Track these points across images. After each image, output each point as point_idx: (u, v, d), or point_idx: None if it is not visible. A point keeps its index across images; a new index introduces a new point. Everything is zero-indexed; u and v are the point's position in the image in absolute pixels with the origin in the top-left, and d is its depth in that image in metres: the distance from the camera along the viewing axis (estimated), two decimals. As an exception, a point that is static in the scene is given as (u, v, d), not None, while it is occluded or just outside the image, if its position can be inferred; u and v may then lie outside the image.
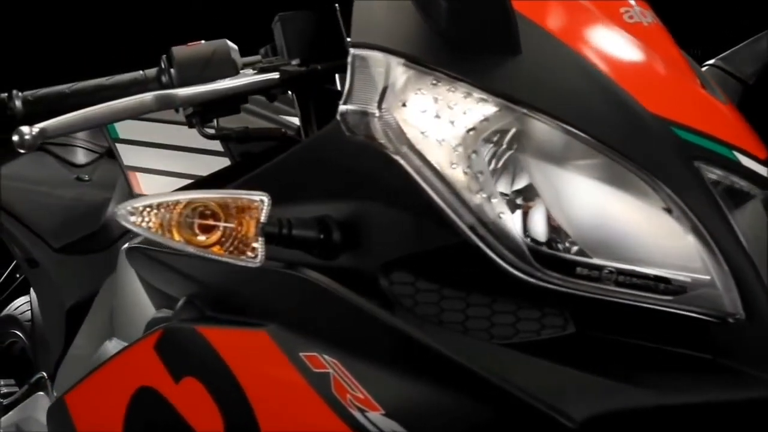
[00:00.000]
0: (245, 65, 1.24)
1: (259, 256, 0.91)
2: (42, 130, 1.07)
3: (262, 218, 0.91)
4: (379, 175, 0.92)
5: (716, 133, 0.97)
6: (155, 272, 1.27)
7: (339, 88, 1.29)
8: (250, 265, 0.92)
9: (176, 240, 0.92)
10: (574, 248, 0.91)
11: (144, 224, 0.92)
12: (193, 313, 1.15)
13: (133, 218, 0.92)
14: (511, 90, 0.90)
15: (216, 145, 1.53)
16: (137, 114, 1.15)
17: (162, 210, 0.92)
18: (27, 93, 1.18)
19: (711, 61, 1.32)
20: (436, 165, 0.88)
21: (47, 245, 2.10)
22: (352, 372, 0.93)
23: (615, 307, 0.92)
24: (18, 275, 2.71)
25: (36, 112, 1.17)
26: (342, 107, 0.92)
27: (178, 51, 1.21)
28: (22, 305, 2.52)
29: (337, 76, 1.28)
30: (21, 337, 2.51)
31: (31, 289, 2.46)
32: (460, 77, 0.90)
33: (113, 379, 1.27)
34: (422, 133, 0.89)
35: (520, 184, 0.90)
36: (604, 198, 0.92)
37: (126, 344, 1.59)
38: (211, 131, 1.28)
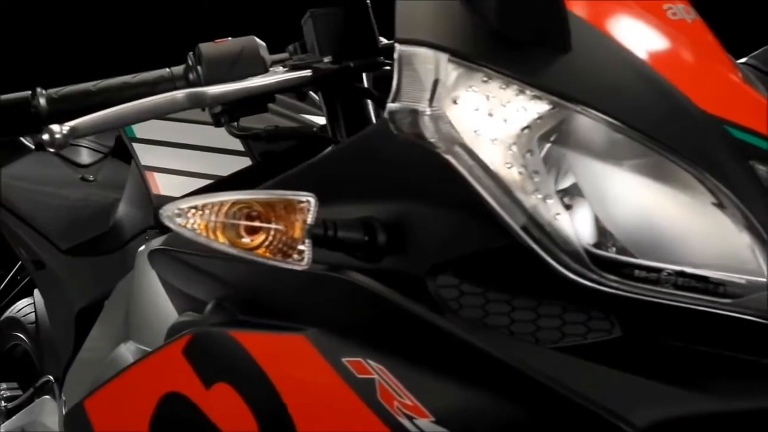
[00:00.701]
0: (273, 62, 1.21)
1: (306, 259, 0.88)
2: (72, 129, 1.04)
3: (309, 219, 0.88)
4: (428, 174, 0.89)
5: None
6: (181, 275, 1.24)
7: (366, 85, 1.27)
8: (295, 268, 0.89)
9: (220, 242, 0.89)
10: (625, 249, 0.88)
11: (189, 226, 0.89)
12: (224, 317, 1.12)
13: (179, 220, 0.89)
14: (565, 87, 0.88)
15: (235, 145, 1.51)
16: (168, 112, 1.12)
17: (206, 211, 0.89)
18: (51, 91, 1.15)
19: (743, 60, 1.30)
20: (490, 164, 0.85)
21: (54, 246, 2.07)
22: (399, 378, 0.90)
23: (663, 310, 0.90)
24: (19, 277, 2.68)
25: (60, 110, 1.14)
26: (390, 105, 0.89)
27: (206, 48, 1.18)
28: (24, 307, 2.49)
29: (363, 74, 1.26)
30: (24, 340, 2.47)
31: (35, 291, 2.43)
32: (513, 75, 0.87)
33: (138, 385, 1.24)
34: (475, 131, 0.86)
35: (572, 184, 0.88)
36: (657, 198, 0.90)
37: (142, 347, 1.57)
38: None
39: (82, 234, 2.02)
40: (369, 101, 1.28)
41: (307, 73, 1.16)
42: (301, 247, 0.88)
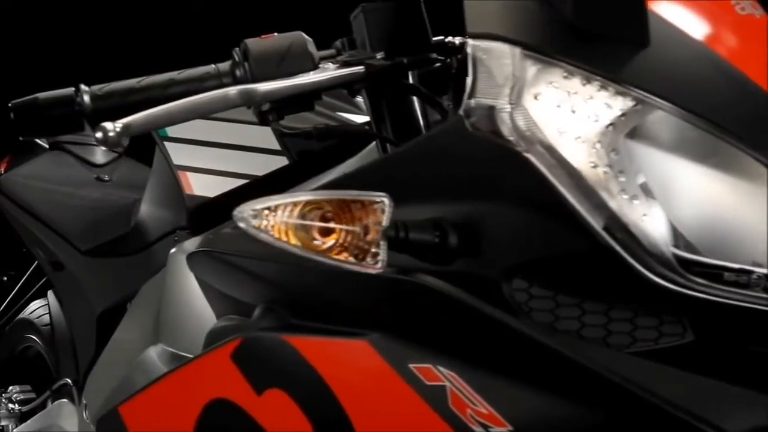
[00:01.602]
0: (321, 59, 1.17)
1: (381, 263, 0.85)
2: (125, 126, 1.00)
3: (385, 221, 0.85)
4: (504, 173, 0.86)
5: None
6: (225, 277, 1.21)
7: (411, 81, 1.24)
8: (369, 271, 0.86)
9: (292, 244, 0.86)
10: (708, 251, 0.85)
11: (263, 227, 0.85)
12: (274, 321, 1.09)
13: (255, 221, 0.85)
14: (648, 83, 0.84)
15: (271, 143, 1.47)
16: (220, 110, 1.09)
17: (279, 212, 0.85)
18: (94, 87, 1.11)
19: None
20: (574, 164, 0.82)
21: (73, 247, 2.02)
22: (472, 385, 0.87)
23: (745, 314, 0.87)
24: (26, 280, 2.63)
25: (104, 107, 1.11)
26: (467, 101, 0.86)
27: (253, 44, 1.14)
28: (37, 309, 2.45)
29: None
30: (37, 342, 2.43)
31: (49, 293, 2.39)
32: (596, 70, 0.84)
33: (180, 390, 1.20)
34: (557, 129, 0.83)
35: (654, 183, 0.85)
36: (740, 198, 0.87)
37: (174, 351, 1.53)
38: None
39: (102, 235, 1.98)
40: (415, 98, 1.25)
41: (360, 69, 1.12)
42: (375, 249, 0.85)
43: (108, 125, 0.99)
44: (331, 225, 0.85)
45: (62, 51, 4.44)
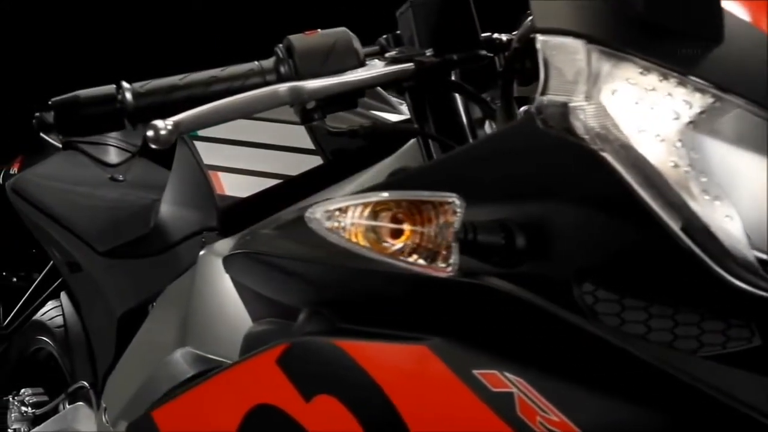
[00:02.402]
0: (366, 55, 1.14)
1: (453, 265, 0.82)
2: (176, 124, 0.97)
3: (456, 223, 0.82)
4: (578, 172, 0.83)
5: None
6: (266, 279, 1.17)
7: (453, 78, 1.21)
8: (439, 275, 0.83)
9: (362, 245, 0.83)
10: None
11: (334, 227, 0.82)
12: (322, 325, 1.06)
13: (328, 223, 0.82)
14: (725, 80, 0.82)
15: (304, 143, 1.44)
16: (270, 107, 1.06)
17: (349, 213, 0.82)
18: (136, 85, 1.08)
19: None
20: (655, 163, 0.79)
21: (91, 248, 1.99)
22: (542, 391, 0.84)
23: None
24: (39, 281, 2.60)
25: (146, 105, 1.08)
26: (539, 98, 0.83)
27: (298, 40, 1.11)
28: (50, 310, 2.41)
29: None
30: (50, 344, 2.40)
31: (62, 294, 2.36)
32: (673, 67, 0.81)
33: (220, 396, 1.17)
34: (635, 127, 0.80)
35: (729, 182, 0.82)
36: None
37: (203, 354, 1.50)
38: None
39: (120, 236, 1.95)
40: (457, 96, 1.22)
41: (409, 66, 1.10)
42: (446, 252, 0.82)
43: (159, 123, 0.96)
44: (404, 226, 0.82)
45: (62, 51, 4.42)
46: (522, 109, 1.16)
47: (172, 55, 4.41)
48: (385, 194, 0.83)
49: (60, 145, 2.37)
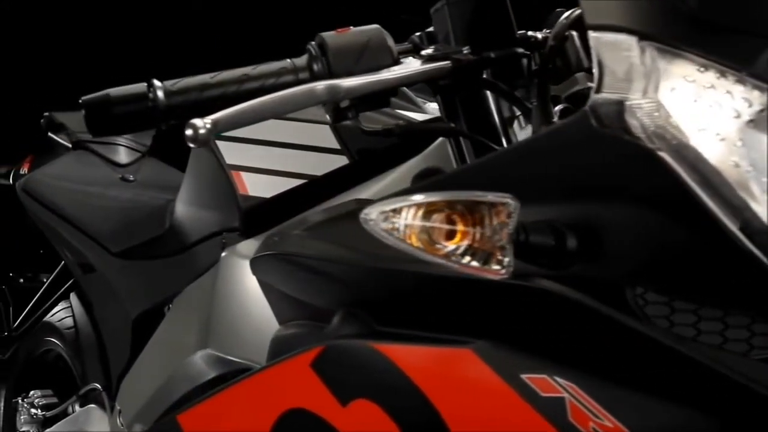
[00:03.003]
0: (399, 53, 1.12)
1: (507, 268, 0.80)
2: (215, 123, 0.95)
3: (512, 224, 0.80)
4: (632, 172, 0.81)
5: None
6: (297, 281, 1.15)
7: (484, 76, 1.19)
8: (493, 277, 0.81)
9: (414, 246, 0.81)
10: None
11: (390, 228, 0.80)
12: (359, 328, 1.03)
13: (385, 225, 0.80)
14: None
15: (329, 142, 1.42)
16: (307, 105, 1.04)
17: (403, 214, 0.80)
18: (167, 83, 1.06)
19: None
20: (715, 163, 0.77)
21: (104, 249, 1.97)
22: (595, 396, 0.82)
23: None
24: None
25: (178, 103, 1.06)
26: (594, 96, 0.81)
27: (331, 38, 1.09)
28: (59, 311, 2.39)
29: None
30: (59, 345, 2.37)
31: (72, 296, 2.34)
32: (731, 64, 0.79)
33: (250, 400, 1.15)
34: (695, 126, 0.78)
35: None
36: None
37: (225, 357, 1.48)
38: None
39: (134, 236, 1.92)
40: (489, 94, 1.20)
41: (446, 64, 1.08)
42: (500, 254, 0.80)
43: (198, 122, 0.94)
44: (458, 227, 0.80)
45: (63, 51, 4.40)
46: (557, 107, 1.14)
47: (172, 55, 4.41)
48: (439, 195, 0.80)
49: (69, 145, 2.34)
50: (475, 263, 0.81)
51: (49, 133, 2.43)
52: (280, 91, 1.05)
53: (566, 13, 1.15)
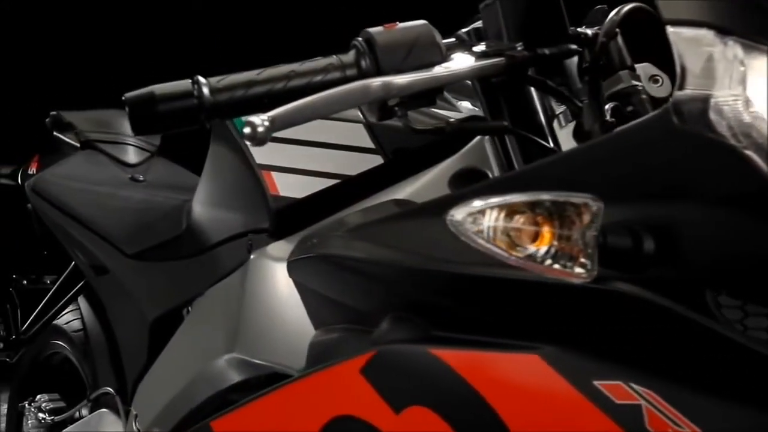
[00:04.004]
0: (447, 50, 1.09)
1: (591, 272, 0.77)
2: (272, 120, 0.92)
3: (597, 226, 0.77)
4: (715, 171, 0.78)
5: None
6: (341, 284, 1.12)
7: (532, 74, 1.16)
8: (575, 281, 0.78)
9: (499, 248, 0.78)
10: None
11: (477, 230, 0.77)
12: (412, 332, 1.00)
13: (474, 227, 0.77)
14: None
15: (363, 141, 1.39)
16: (361, 102, 1.01)
17: (487, 214, 0.77)
18: (212, 80, 1.03)
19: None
20: None
21: (119, 251, 1.93)
22: (674, 403, 0.79)
23: None
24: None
25: (224, 100, 1.02)
26: (677, 93, 0.78)
27: (379, 34, 1.06)
28: (66, 314, 2.35)
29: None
30: (66, 349, 2.33)
31: (81, 298, 2.29)
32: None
33: (293, 407, 1.12)
34: (785, 123, 0.76)
35: None
36: None
37: (253, 360, 1.44)
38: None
39: (149, 238, 1.88)
40: (533, 91, 1.17)
41: (500, 60, 1.05)
42: (583, 258, 0.77)
43: (256, 120, 0.91)
44: (546, 229, 0.77)
45: (63, 50, 4.37)
46: (607, 106, 1.11)
47: (172, 55, 4.38)
48: (524, 195, 0.78)
49: (77, 144, 2.30)
50: (557, 266, 0.78)
51: (55, 133, 2.38)
52: (328, 88, 1.02)
53: (615, 10, 1.12)
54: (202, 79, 1.02)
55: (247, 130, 0.92)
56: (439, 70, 1.03)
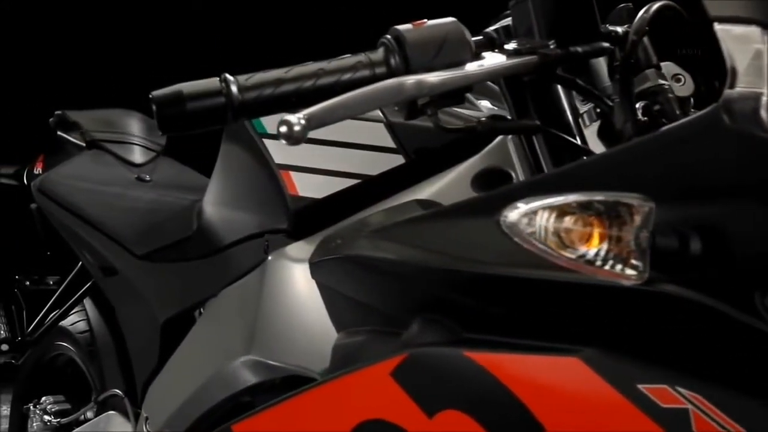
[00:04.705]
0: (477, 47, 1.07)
1: (643, 274, 0.75)
2: (308, 118, 0.90)
3: (649, 227, 0.75)
4: (765, 171, 0.77)
5: None
6: (368, 285, 1.10)
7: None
8: (627, 283, 0.76)
9: (552, 249, 0.76)
10: None
11: (531, 231, 0.76)
12: (444, 335, 0.98)
13: (530, 228, 0.75)
14: None
15: (384, 141, 1.37)
16: (395, 101, 0.99)
17: (539, 215, 0.76)
18: (240, 77, 1.01)
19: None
20: None
21: (128, 252, 1.90)
22: (722, 407, 0.78)
23: None
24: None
25: (251, 99, 1.00)
26: (728, 92, 0.77)
27: (408, 32, 1.04)
28: (70, 315, 2.33)
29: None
30: (71, 350, 2.31)
31: (86, 300, 2.27)
32: None
33: (320, 411, 1.10)
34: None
35: None
36: None
37: (271, 362, 1.42)
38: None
39: (159, 238, 1.86)
40: (560, 90, 1.16)
41: (532, 58, 1.03)
42: (635, 260, 0.75)
43: (292, 118, 0.89)
44: (598, 230, 0.75)
45: (62, 50, 4.35)
46: (638, 105, 1.10)
47: (172, 55, 4.37)
48: (578, 196, 0.76)
49: (83, 144, 2.28)
50: (608, 268, 0.76)
51: (60, 132, 2.36)
52: (356, 86, 1.00)
53: (644, 7, 1.11)
54: (230, 77, 1.01)
55: (283, 129, 0.90)
56: (472, 67, 1.02)
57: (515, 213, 0.77)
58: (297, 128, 0.90)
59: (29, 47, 4.32)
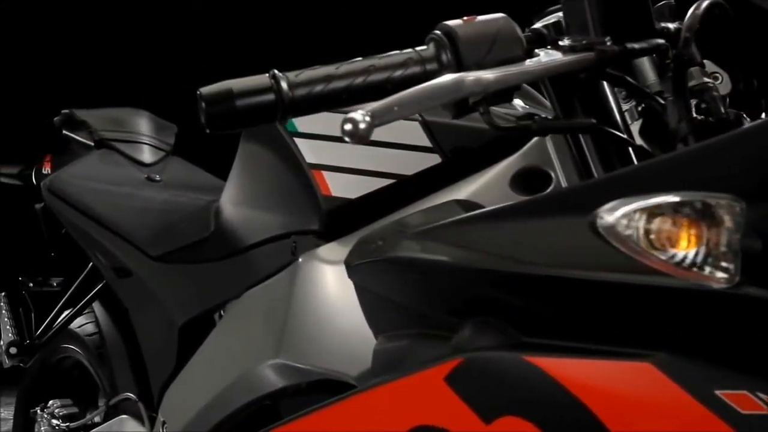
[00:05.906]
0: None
1: (733, 277, 0.73)
2: (373, 115, 0.88)
3: (741, 228, 0.73)
4: None
5: None
6: (413, 288, 1.07)
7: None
8: (717, 287, 0.74)
9: (646, 251, 0.74)
10: None
11: (629, 233, 0.73)
12: (499, 339, 0.96)
13: (629, 231, 0.73)
14: None
15: (419, 140, 1.34)
16: (454, 98, 0.96)
17: (638, 216, 0.73)
18: (290, 74, 0.98)
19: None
20: None
21: (143, 253, 1.87)
22: None
23: None
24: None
25: (301, 95, 0.98)
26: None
27: (460, 28, 1.02)
28: (78, 318, 2.29)
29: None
30: (79, 353, 2.27)
31: (95, 303, 2.23)
32: None
33: (367, 417, 1.07)
34: None
35: None
36: None
37: (300, 366, 1.39)
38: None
39: (175, 239, 1.83)
40: (607, 87, 1.13)
41: (589, 55, 1.01)
42: (725, 262, 0.73)
43: (357, 116, 0.87)
44: (693, 231, 0.73)
45: (62, 50, 4.31)
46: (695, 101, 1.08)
47: (172, 54, 4.33)
48: (671, 197, 0.73)
49: (91, 143, 2.24)
50: (698, 270, 0.74)
51: (66, 131, 2.32)
52: (408, 83, 0.98)
53: (695, 4, 1.09)
54: (279, 74, 0.98)
55: (348, 126, 0.88)
56: (532, 65, 0.99)
57: (614, 214, 0.74)
58: (362, 126, 0.87)
59: (29, 47, 4.28)
